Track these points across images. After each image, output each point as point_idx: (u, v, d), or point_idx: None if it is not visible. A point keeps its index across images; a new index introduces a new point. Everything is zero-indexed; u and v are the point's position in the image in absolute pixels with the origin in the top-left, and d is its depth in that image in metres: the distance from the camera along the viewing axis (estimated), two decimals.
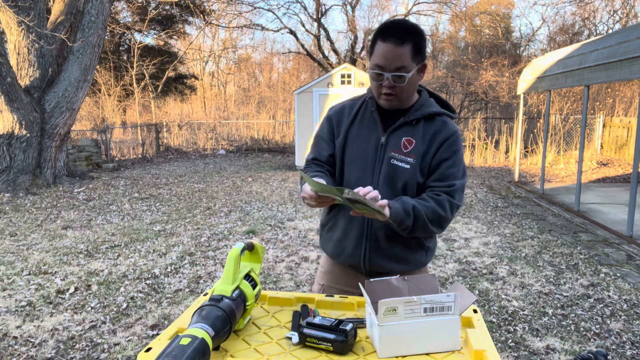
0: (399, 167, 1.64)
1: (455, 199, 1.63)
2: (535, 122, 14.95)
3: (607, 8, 19.13)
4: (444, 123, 1.68)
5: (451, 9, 20.29)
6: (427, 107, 1.70)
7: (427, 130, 1.67)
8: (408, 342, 1.25)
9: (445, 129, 1.66)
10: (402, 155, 1.64)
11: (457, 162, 1.66)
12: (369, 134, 1.70)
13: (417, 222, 1.54)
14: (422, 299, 1.24)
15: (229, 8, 20.13)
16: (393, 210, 1.48)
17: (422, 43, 1.60)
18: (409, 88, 1.62)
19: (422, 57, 1.61)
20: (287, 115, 19.03)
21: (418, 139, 1.65)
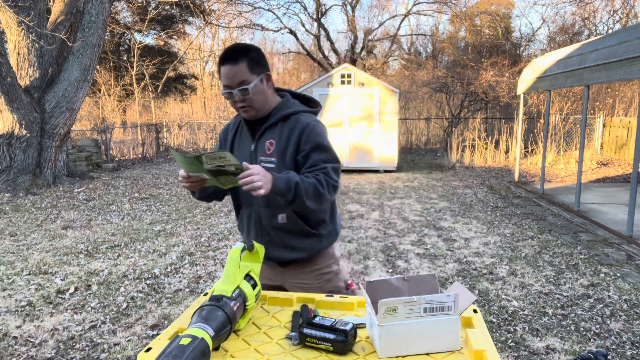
0: (267, 167, 1.80)
1: (331, 179, 1.78)
2: (535, 122, 14.95)
3: (607, 8, 19.13)
4: (297, 119, 1.86)
5: (451, 9, 20.29)
6: (284, 109, 1.89)
7: (284, 130, 1.86)
8: (408, 342, 1.25)
9: (298, 124, 1.84)
10: (267, 157, 1.86)
11: (322, 149, 1.82)
12: (244, 145, 1.95)
13: (296, 197, 1.68)
14: (422, 299, 1.24)
15: (229, 8, 20.13)
16: (277, 184, 1.62)
17: (257, 57, 1.82)
18: (259, 97, 1.84)
19: (261, 68, 1.84)
20: None
21: (277, 139, 1.86)
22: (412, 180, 10.67)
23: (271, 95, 1.91)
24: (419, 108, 19.07)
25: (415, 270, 4.80)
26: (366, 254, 5.35)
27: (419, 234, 6.13)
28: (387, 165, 12.03)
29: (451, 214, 7.31)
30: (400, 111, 16.06)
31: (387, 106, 11.92)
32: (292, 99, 1.98)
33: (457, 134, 15.23)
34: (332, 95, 11.98)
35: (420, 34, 24.15)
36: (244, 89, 1.80)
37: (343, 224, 6.66)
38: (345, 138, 12.04)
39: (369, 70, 19.77)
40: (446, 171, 12.14)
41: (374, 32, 20.93)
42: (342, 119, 12.00)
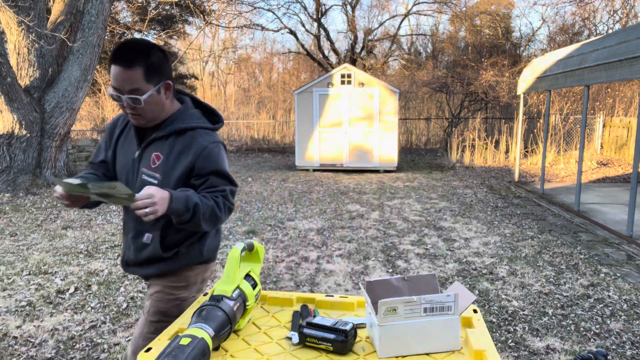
0: (149, 182, 1.67)
1: (229, 201, 1.70)
2: (535, 122, 14.95)
3: (607, 8, 19.13)
4: (194, 138, 1.68)
5: (451, 9, 20.29)
6: (179, 122, 1.70)
7: (176, 145, 1.68)
8: (408, 342, 1.25)
9: (195, 144, 1.67)
10: (151, 171, 1.68)
11: (221, 174, 1.71)
12: (129, 148, 1.77)
13: (193, 218, 1.57)
14: (422, 299, 1.24)
15: (229, 8, 20.12)
16: (173, 204, 1.51)
17: (158, 62, 1.59)
18: (152, 109, 1.63)
19: (160, 77, 1.61)
20: (287, 115, 19.02)
21: (166, 154, 1.68)
22: (412, 180, 10.67)
23: (169, 104, 1.71)
24: (419, 108, 19.07)
25: (415, 270, 4.80)
26: (366, 254, 5.35)
27: (419, 234, 6.13)
28: (387, 165, 12.03)
29: (451, 214, 7.30)
30: (400, 111, 16.06)
31: (387, 106, 11.92)
32: (192, 109, 1.77)
33: (457, 134, 15.23)
34: (332, 95, 11.98)
35: (420, 34, 24.15)
36: (135, 99, 1.58)
37: (343, 224, 6.66)
38: (345, 138, 12.04)
39: (369, 70, 19.78)
40: (446, 171, 12.14)
41: (374, 32, 20.93)
42: (342, 119, 12.00)
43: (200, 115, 1.78)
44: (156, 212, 1.43)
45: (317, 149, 12.14)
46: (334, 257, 5.24)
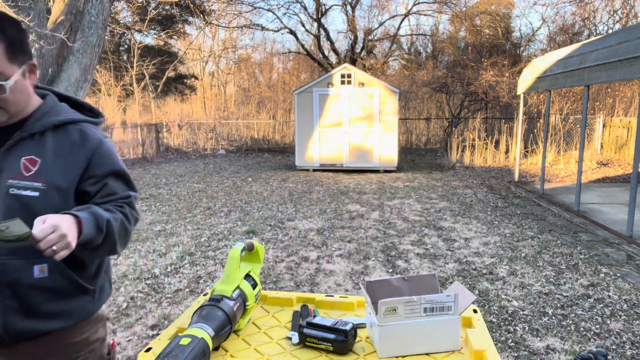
0: (24, 196, 1.25)
1: (135, 211, 1.42)
2: (535, 122, 14.95)
3: (607, 8, 19.13)
4: (83, 133, 1.35)
5: (451, 9, 20.28)
6: (53, 114, 1.34)
7: (55, 144, 1.32)
8: (408, 342, 1.25)
9: (87, 141, 1.34)
10: (25, 181, 1.26)
11: (121, 175, 1.39)
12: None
13: (106, 239, 1.27)
14: (422, 299, 1.24)
15: (229, 8, 20.12)
16: (85, 230, 1.18)
17: (19, 37, 1.25)
18: (18, 98, 1.27)
19: (23, 55, 1.27)
20: (287, 115, 19.02)
21: (42, 156, 1.29)
22: (412, 180, 10.67)
23: (32, 94, 1.35)
24: (419, 108, 19.07)
25: (415, 270, 4.80)
26: (366, 254, 5.35)
27: (419, 234, 6.13)
28: (387, 165, 12.03)
29: (451, 214, 7.30)
30: (400, 111, 16.06)
31: (387, 106, 11.92)
32: (59, 102, 1.42)
33: (457, 134, 15.23)
34: (332, 95, 11.98)
35: (420, 34, 24.15)
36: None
37: (343, 224, 6.66)
38: (345, 138, 12.04)
39: (369, 70, 19.77)
40: (446, 171, 12.14)
41: (374, 32, 20.93)
42: (342, 119, 12.00)
43: (69, 109, 1.42)
44: (69, 245, 1.11)
45: (317, 149, 12.14)
46: (334, 257, 5.24)
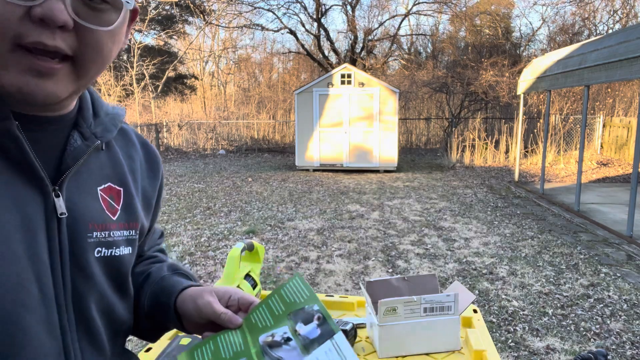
0: (118, 259, 0.73)
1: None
2: (535, 122, 14.95)
3: (607, 8, 19.14)
4: (143, 142, 0.86)
5: (451, 9, 20.28)
6: (102, 105, 0.77)
7: (129, 157, 0.80)
8: (408, 342, 1.25)
9: (154, 153, 0.86)
10: (115, 230, 0.72)
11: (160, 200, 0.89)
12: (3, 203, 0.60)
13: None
14: (422, 299, 1.25)
15: (229, 8, 20.12)
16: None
17: None
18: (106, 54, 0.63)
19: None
20: (287, 115, 19.03)
21: (127, 182, 0.77)
22: (412, 180, 10.67)
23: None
24: (419, 108, 19.07)
25: (415, 270, 4.80)
26: (366, 254, 5.35)
27: (419, 234, 6.13)
28: (387, 165, 12.03)
29: (451, 214, 7.31)
30: (400, 111, 16.07)
31: (387, 106, 11.92)
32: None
33: (457, 134, 15.23)
34: (332, 95, 11.98)
35: (420, 34, 24.15)
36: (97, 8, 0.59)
37: (343, 224, 6.66)
38: (345, 138, 12.04)
39: (369, 70, 19.77)
40: (446, 171, 12.14)
41: (374, 32, 20.93)
42: (342, 119, 12.00)
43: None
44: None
45: (317, 149, 12.14)
46: (334, 257, 5.25)
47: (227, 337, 0.74)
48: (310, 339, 0.71)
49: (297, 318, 0.74)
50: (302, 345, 0.71)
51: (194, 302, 0.77)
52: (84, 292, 0.67)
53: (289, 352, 0.71)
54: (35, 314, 0.60)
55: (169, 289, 0.82)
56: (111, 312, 0.73)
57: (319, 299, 0.75)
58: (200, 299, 0.77)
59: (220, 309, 0.75)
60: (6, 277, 0.57)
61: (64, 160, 0.65)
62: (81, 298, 0.67)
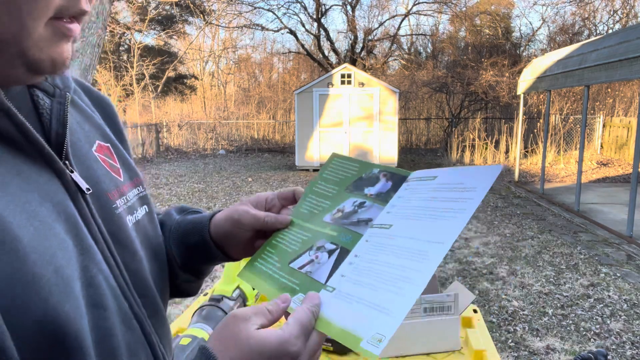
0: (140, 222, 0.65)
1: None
2: (535, 122, 14.95)
3: (607, 8, 19.14)
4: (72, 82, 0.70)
5: (451, 9, 20.29)
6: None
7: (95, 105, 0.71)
8: (408, 342, 1.25)
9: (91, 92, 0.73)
10: (129, 190, 0.65)
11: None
12: (24, 190, 0.47)
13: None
14: (422, 299, 1.25)
15: (229, 8, 20.13)
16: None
17: None
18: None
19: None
20: (287, 115, 19.03)
21: (106, 131, 0.67)
22: None
23: None
24: (419, 108, 19.07)
25: None
26: None
27: None
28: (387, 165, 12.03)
29: None
30: (400, 111, 16.06)
31: (387, 106, 11.92)
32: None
33: (457, 134, 15.23)
34: (332, 95, 11.98)
35: (420, 34, 24.15)
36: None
37: None
38: (345, 138, 12.04)
39: (369, 70, 19.78)
40: None
41: (374, 32, 20.93)
42: (342, 119, 12.00)
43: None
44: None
45: (317, 149, 12.14)
46: None
47: (285, 235, 0.70)
48: (385, 192, 0.69)
49: (360, 186, 0.71)
50: (379, 200, 0.68)
51: (230, 220, 0.70)
52: (138, 270, 0.60)
53: (368, 211, 0.67)
54: (111, 311, 0.52)
55: (196, 226, 0.74)
56: (161, 282, 0.66)
57: (373, 163, 0.72)
58: (235, 214, 0.70)
59: (261, 213, 0.69)
60: (78, 280, 0.48)
61: (49, 129, 0.53)
62: (138, 278, 0.60)
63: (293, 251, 0.68)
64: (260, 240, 0.71)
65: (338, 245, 0.65)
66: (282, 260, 0.67)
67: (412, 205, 0.65)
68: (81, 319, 0.47)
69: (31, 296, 0.42)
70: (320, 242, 0.67)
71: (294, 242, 0.69)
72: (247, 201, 0.72)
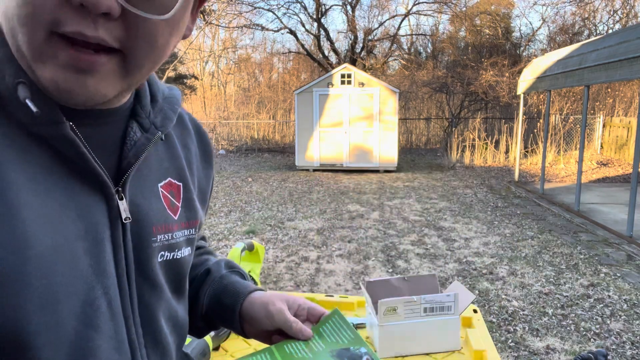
0: (180, 262, 0.67)
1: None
2: (535, 122, 14.95)
3: (607, 8, 19.14)
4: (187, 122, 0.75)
5: (451, 9, 20.29)
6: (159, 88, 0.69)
7: (186, 148, 0.72)
8: (408, 342, 1.25)
9: (202, 135, 0.78)
10: (177, 230, 0.66)
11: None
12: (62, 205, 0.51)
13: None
14: (422, 299, 1.25)
15: (229, 8, 20.13)
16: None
17: None
18: (162, 46, 0.53)
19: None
20: (287, 115, 19.03)
21: (185, 172, 0.69)
22: (412, 180, 10.67)
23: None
24: (419, 108, 19.07)
25: (415, 270, 4.80)
26: (366, 254, 5.35)
27: (419, 234, 6.13)
28: (387, 165, 12.03)
29: (451, 214, 7.30)
30: (400, 111, 16.07)
31: (387, 106, 11.92)
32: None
33: (457, 134, 15.23)
34: (332, 95, 11.98)
35: (420, 34, 24.15)
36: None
37: (343, 224, 6.66)
38: (345, 138, 12.04)
39: (369, 70, 19.78)
40: (446, 171, 12.14)
41: (374, 32, 20.94)
42: (342, 119, 12.00)
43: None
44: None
45: (317, 148, 12.14)
46: (334, 257, 5.25)
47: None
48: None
49: (342, 356, 0.71)
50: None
51: (265, 308, 0.74)
52: (151, 302, 0.62)
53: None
54: (103, 333, 0.54)
55: (234, 291, 0.78)
56: (175, 318, 0.68)
57: (364, 341, 0.73)
58: (272, 305, 0.73)
59: (292, 318, 0.72)
60: (76, 297, 0.51)
61: (124, 157, 0.58)
62: (148, 309, 0.61)
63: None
64: (277, 336, 0.74)
65: None
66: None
67: None
68: (54, 333, 0.50)
69: (8, 298, 0.46)
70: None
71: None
72: (285, 300, 0.75)
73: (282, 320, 0.72)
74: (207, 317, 0.79)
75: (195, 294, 0.79)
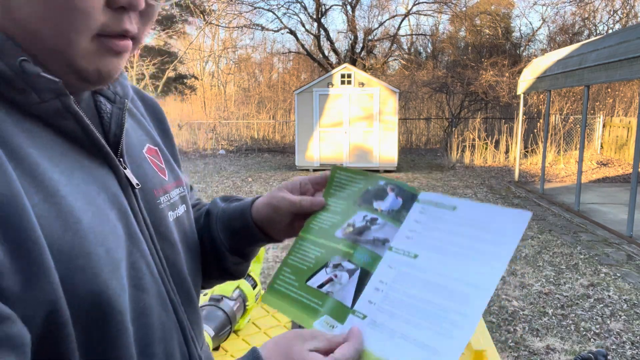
0: (180, 219, 0.72)
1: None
2: (535, 122, 14.95)
3: (607, 8, 19.14)
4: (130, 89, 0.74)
5: (451, 9, 20.28)
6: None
7: (140, 113, 0.75)
8: None
9: (145, 97, 0.80)
10: (172, 190, 0.71)
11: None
12: (85, 180, 0.55)
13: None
14: None
15: (229, 8, 20.13)
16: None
17: None
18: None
19: None
20: (287, 115, 19.03)
21: (154, 135, 0.75)
22: (412, 180, 10.67)
23: None
24: (419, 108, 19.07)
25: None
26: None
27: None
28: (387, 165, 12.03)
29: None
30: (400, 111, 16.07)
31: (387, 106, 11.92)
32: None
33: (457, 134, 15.23)
34: (332, 95, 11.98)
35: (420, 34, 24.15)
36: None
37: None
38: (345, 138, 12.04)
39: (369, 70, 19.78)
40: (446, 171, 12.14)
41: (374, 32, 20.93)
42: (342, 119, 12.00)
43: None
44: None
45: (317, 148, 12.14)
46: None
47: (299, 252, 0.71)
48: (396, 210, 0.68)
49: (368, 199, 0.71)
50: (390, 218, 0.68)
51: (268, 205, 0.76)
52: (175, 261, 0.67)
53: (382, 229, 0.67)
54: (150, 293, 0.59)
55: (239, 212, 0.80)
56: (194, 274, 0.72)
57: (378, 175, 0.72)
58: (273, 199, 0.76)
59: (296, 198, 0.74)
60: (124, 261, 0.55)
61: (109, 129, 0.61)
62: (175, 267, 0.66)
63: (308, 268, 0.68)
64: (299, 221, 0.75)
65: (357, 266, 0.65)
66: (299, 279, 0.68)
67: (436, 236, 0.64)
68: (125, 295, 0.54)
69: (85, 270, 0.49)
70: (336, 260, 0.67)
71: (307, 259, 0.69)
72: (284, 187, 0.78)
73: (288, 205, 0.74)
74: (234, 249, 0.80)
75: (210, 239, 0.81)
